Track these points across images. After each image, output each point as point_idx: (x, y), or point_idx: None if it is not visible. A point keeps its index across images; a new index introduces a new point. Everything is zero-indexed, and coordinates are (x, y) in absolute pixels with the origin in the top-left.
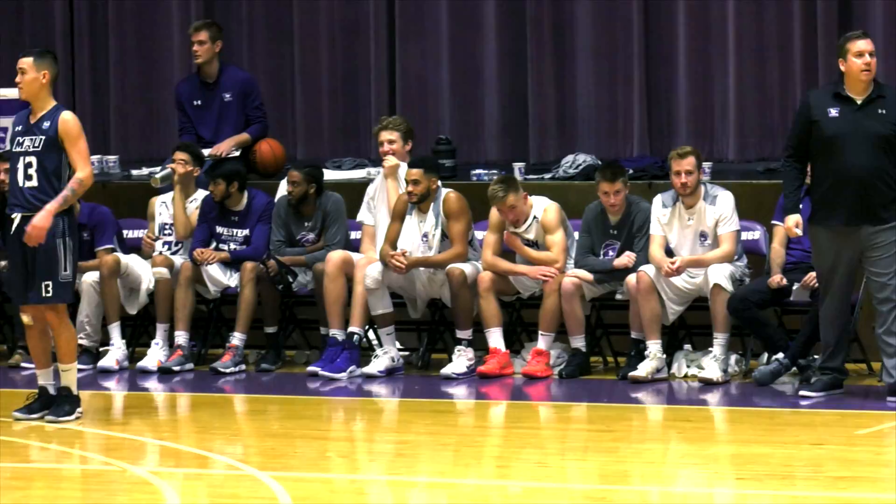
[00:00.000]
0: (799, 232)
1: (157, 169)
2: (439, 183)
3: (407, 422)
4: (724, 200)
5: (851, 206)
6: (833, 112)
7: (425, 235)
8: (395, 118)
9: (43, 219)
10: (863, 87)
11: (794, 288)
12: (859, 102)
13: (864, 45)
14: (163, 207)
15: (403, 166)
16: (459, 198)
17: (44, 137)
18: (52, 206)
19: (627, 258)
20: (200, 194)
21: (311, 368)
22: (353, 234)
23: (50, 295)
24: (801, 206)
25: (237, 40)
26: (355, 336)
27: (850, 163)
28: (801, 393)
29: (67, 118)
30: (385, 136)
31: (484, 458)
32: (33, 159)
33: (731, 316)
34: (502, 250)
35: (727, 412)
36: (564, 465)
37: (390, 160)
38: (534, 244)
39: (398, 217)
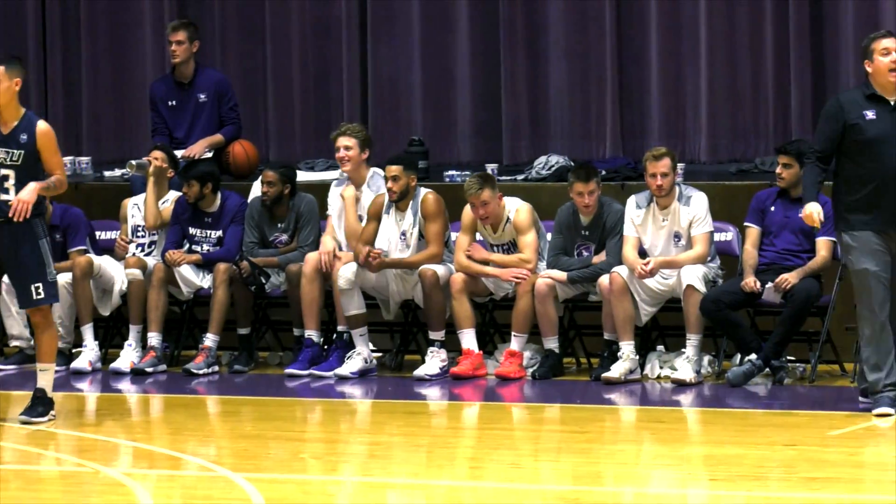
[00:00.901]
0: (821, 218)
1: (134, 161)
2: (417, 181)
3: (380, 423)
4: (698, 201)
5: (894, 209)
6: (870, 114)
7: (403, 234)
8: (355, 125)
9: (30, 193)
10: (893, 87)
11: (767, 288)
12: (893, 103)
13: (889, 42)
14: (135, 209)
15: (366, 193)
16: (438, 199)
17: (23, 152)
18: (38, 185)
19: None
20: (173, 195)
21: (312, 371)
22: None
23: (42, 296)
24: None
25: (210, 41)
26: (345, 335)
27: (892, 164)
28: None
29: (44, 129)
30: (342, 141)
31: (457, 459)
32: (11, 172)
33: (703, 317)
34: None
35: (700, 413)
36: (538, 466)
37: (349, 191)
38: (509, 247)
39: (374, 217)
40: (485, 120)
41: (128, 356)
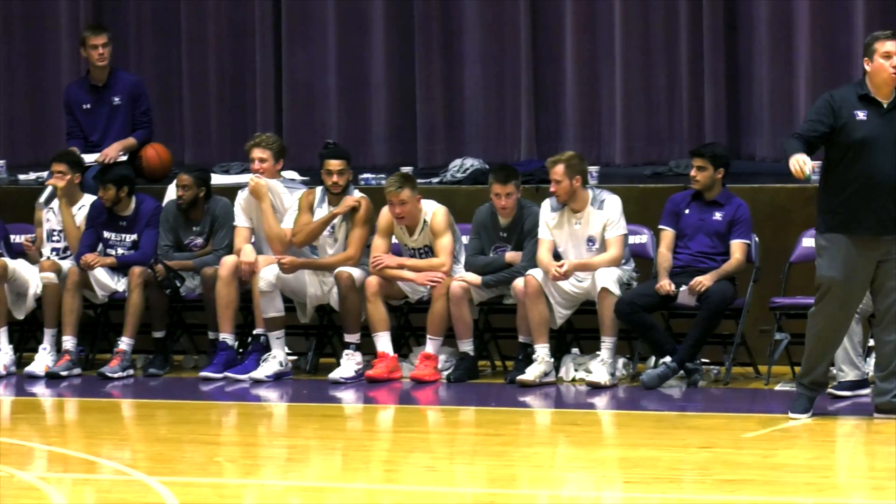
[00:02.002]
0: (809, 170)
1: (42, 197)
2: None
3: (296, 426)
4: (612, 205)
5: (879, 213)
6: (861, 115)
7: (332, 227)
8: (269, 136)
9: None
10: (889, 91)
11: (681, 290)
12: (885, 106)
13: (892, 46)
14: (50, 213)
15: (275, 184)
16: (368, 205)
17: None
18: None
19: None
20: (88, 199)
21: (227, 374)
22: None
23: None
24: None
25: (124, 44)
26: (262, 338)
27: (879, 168)
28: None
29: None
30: (257, 153)
31: (373, 462)
32: None
33: (618, 319)
34: (391, 254)
35: (615, 416)
36: (453, 468)
37: (253, 179)
38: (425, 251)
39: (306, 209)
40: (400, 123)
41: (42, 360)
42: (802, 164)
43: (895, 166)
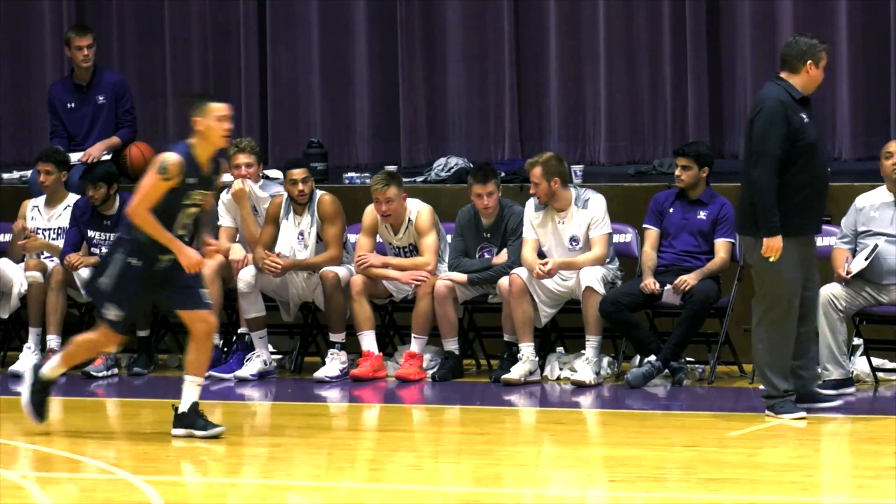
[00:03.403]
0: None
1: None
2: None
3: (280, 425)
4: (596, 204)
5: (821, 213)
6: (805, 117)
7: (301, 234)
8: (250, 140)
9: None
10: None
11: (665, 289)
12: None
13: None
14: (35, 211)
15: (254, 187)
16: (334, 200)
17: None
18: None
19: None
20: (73, 199)
21: (211, 373)
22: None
23: None
24: None
25: (107, 43)
26: (246, 337)
27: (824, 168)
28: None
29: None
30: (242, 159)
31: (357, 461)
32: None
33: (602, 318)
34: (376, 253)
35: (599, 414)
36: (438, 467)
37: (238, 184)
38: (410, 250)
39: (271, 221)
40: (383, 122)
41: (27, 359)
42: (776, 254)
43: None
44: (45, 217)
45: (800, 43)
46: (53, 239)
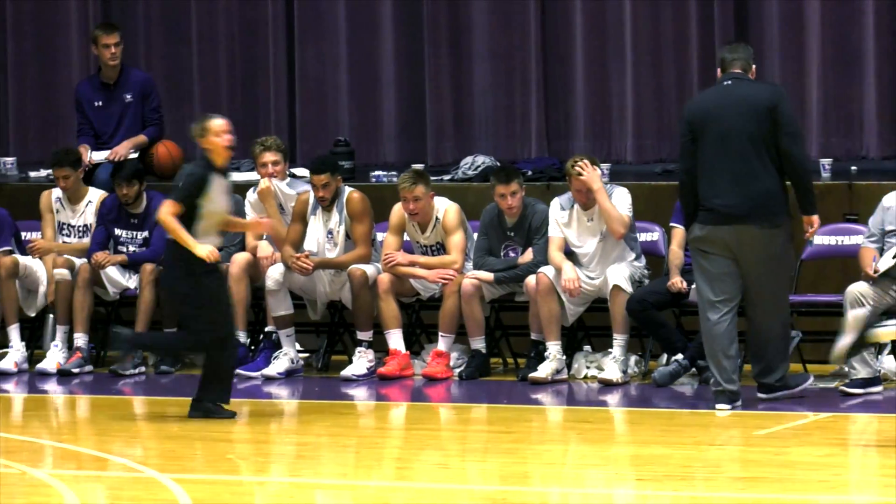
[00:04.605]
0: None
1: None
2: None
3: (307, 423)
4: (619, 196)
5: None
6: None
7: (330, 232)
8: (276, 138)
9: None
10: None
11: (692, 287)
12: None
13: None
14: (59, 204)
15: (281, 185)
16: (363, 198)
17: None
18: None
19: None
20: (94, 195)
21: (239, 371)
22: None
23: None
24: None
25: (134, 42)
26: (273, 335)
27: None
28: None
29: None
30: (269, 157)
31: (385, 460)
32: None
33: (629, 317)
34: (403, 251)
35: (626, 413)
36: (465, 466)
37: (264, 183)
38: (437, 248)
39: (299, 218)
40: (410, 120)
41: (54, 357)
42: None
43: None
44: (70, 212)
45: (748, 49)
46: (80, 236)
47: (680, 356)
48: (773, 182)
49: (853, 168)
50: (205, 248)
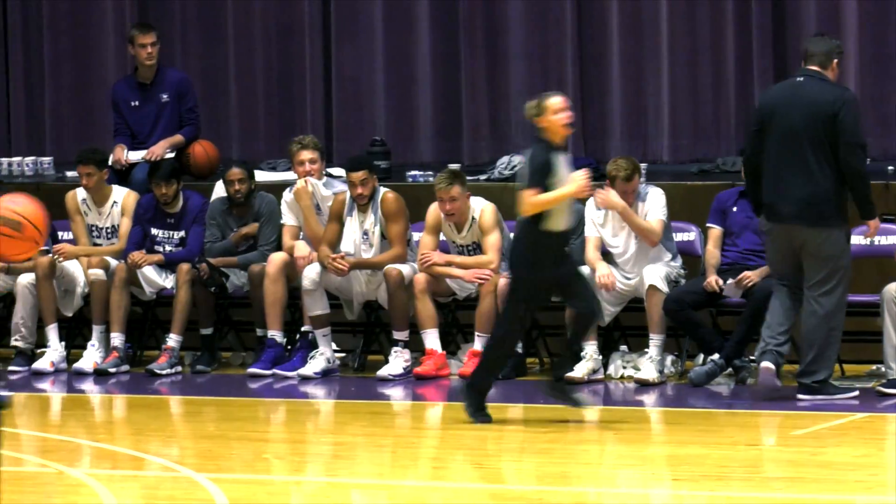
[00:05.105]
0: None
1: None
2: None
3: (343, 423)
4: (654, 196)
5: None
6: None
7: (366, 233)
8: (312, 137)
9: None
10: None
11: (728, 283)
12: None
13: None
14: (85, 206)
15: (319, 186)
16: (397, 198)
17: None
18: None
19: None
20: (118, 195)
21: (275, 371)
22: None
23: None
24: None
25: (170, 42)
26: (310, 335)
27: None
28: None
29: None
30: (306, 155)
31: (421, 460)
32: None
33: (666, 317)
34: (439, 251)
35: (663, 413)
36: (501, 466)
37: (301, 183)
38: (473, 248)
39: (335, 218)
40: (446, 120)
41: (91, 356)
42: None
43: None
44: (96, 214)
45: (831, 43)
46: (108, 238)
47: (716, 356)
48: (827, 184)
49: (890, 168)
50: (574, 185)
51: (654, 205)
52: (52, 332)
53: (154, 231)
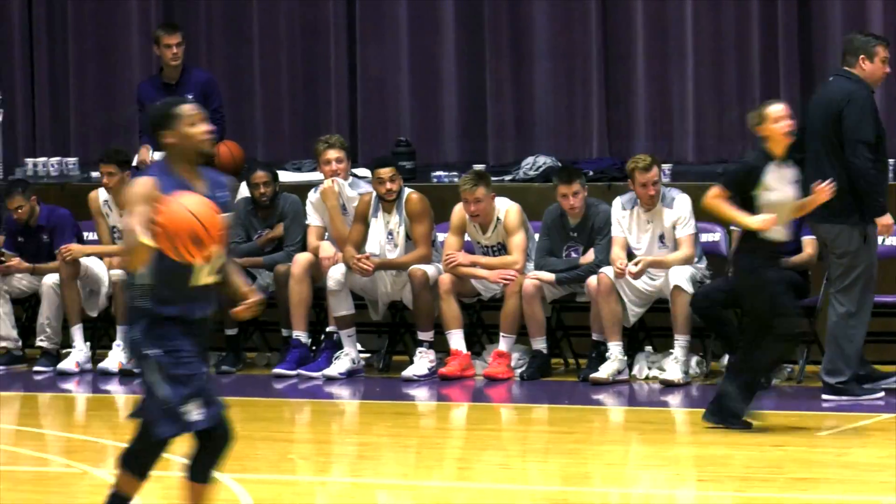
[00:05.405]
0: None
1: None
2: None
3: (368, 424)
4: (681, 203)
5: (884, 196)
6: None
7: (391, 234)
8: (339, 137)
9: None
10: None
11: None
12: None
13: (886, 53)
14: (106, 207)
15: (345, 186)
16: (422, 198)
17: None
18: None
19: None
20: None
21: (300, 371)
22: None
23: None
24: None
25: (195, 42)
26: (335, 335)
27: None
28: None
29: None
30: (333, 154)
31: (446, 460)
32: None
33: (694, 314)
34: (464, 251)
35: (688, 414)
36: (526, 466)
37: (327, 183)
38: (498, 249)
39: (361, 219)
40: (471, 121)
41: (116, 357)
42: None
43: None
44: (117, 215)
45: (859, 40)
46: None
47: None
48: (842, 182)
49: None
50: (755, 223)
51: (682, 215)
52: (77, 332)
53: None
